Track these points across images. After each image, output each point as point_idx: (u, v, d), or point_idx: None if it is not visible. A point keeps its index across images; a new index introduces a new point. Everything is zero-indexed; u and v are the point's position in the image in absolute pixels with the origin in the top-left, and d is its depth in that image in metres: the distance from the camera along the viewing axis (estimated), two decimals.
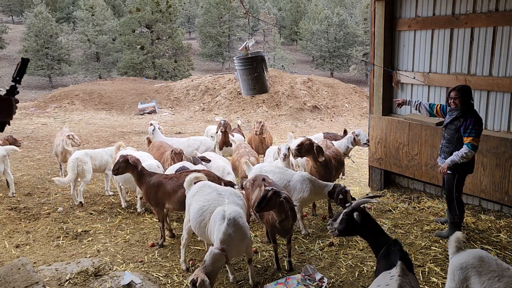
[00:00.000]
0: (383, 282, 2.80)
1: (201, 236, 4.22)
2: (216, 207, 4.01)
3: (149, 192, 4.98)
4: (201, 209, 4.07)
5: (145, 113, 17.02)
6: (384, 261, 3.03)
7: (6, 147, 7.00)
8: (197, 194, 4.28)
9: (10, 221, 5.89)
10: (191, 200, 4.31)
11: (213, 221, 3.88)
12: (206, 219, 4.00)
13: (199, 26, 46.34)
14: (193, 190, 4.38)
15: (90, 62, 38.38)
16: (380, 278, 2.91)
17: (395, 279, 2.74)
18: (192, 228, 4.23)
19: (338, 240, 5.08)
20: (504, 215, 5.53)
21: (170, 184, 4.92)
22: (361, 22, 42.92)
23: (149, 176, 5.04)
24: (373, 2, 6.38)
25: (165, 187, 4.91)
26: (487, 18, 5.26)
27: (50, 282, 4.11)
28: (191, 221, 4.18)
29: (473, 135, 4.49)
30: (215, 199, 4.13)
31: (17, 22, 57.10)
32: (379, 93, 6.55)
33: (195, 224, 4.10)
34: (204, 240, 4.51)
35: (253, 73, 4.52)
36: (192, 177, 4.52)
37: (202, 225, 4.03)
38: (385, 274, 2.89)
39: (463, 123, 4.55)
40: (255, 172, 5.34)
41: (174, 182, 4.91)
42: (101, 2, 39.82)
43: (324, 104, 17.47)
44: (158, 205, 5.01)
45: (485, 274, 2.90)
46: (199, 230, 4.09)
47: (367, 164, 7.20)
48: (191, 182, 4.50)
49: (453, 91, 4.66)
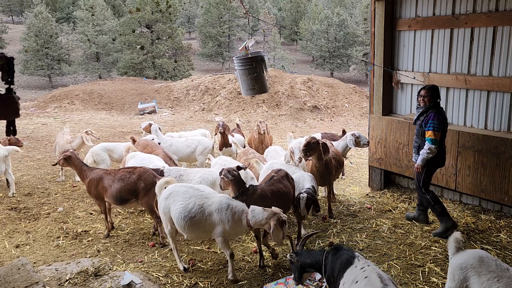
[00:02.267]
0: (356, 277, 2.86)
1: (189, 234, 4.27)
2: (203, 201, 4.15)
3: (90, 186, 5.26)
4: (185, 208, 4.15)
5: (145, 113, 17.01)
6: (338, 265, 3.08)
7: (8, 147, 7.01)
8: (171, 196, 4.31)
9: (10, 221, 5.89)
10: (165, 203, 4.34)
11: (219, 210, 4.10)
12: (198, 215, 4.11)
13: (199, 26, 46.34)
14: (165, 193, 4.41)
15: (90, 62, 38.39)
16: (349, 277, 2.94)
17: (368, 269, 2.86)
18: (178, 229, 4.29)
19: (338, 240, 5.09)
20: (504, 215, 5.53)
21: (107, 179, 5.14)
22: (361, 22, 42.90)
23: (90, 171, 5.34)
24: (373, 2, 6.38)
25: (103, 182, 5.14)
26: (487, 18, 5.25)
27: (50, 282, 4.11)
28: (175, 222, 4.24)
29: (431, 129, 4.74)
30: (197, 195, 4.24)
31: (17, 22, 57.12)
32: (379, 93, 6.55)
33: (183, 224, 4.15)
34: (192, 238, 4.57)
35: (252, 73, 4.53)
36: (162, 181, 4.57)
37: (194, 221, 4.11)
38: (351, 270, 2.96)
39: (425, 118, 4.86)
40: (266, 169, 5.43)
41: (111, 177, 5.13)
42: (101, 2, 39.84)
43: (324, 104, 17.46)
44: (98, 198, 5.28)
45: (484, 274, 2.90)
46: (189, 228, 4.15)
47: (367, 164, 7.20)
48: (162, 187, 4.54)
49: (423, 90, 4.99)
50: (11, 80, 2.14)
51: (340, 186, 7.44)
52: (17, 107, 2.11)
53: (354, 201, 6.50)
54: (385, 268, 4.38)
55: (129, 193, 5.03)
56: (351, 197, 6.70)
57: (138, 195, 5.03)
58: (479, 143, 5.36)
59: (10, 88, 2.13)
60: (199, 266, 4.56)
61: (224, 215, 4.07)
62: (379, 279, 2.76)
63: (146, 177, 5.02)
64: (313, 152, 5.45)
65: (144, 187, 4.99)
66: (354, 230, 5.36)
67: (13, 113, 2.10)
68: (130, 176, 5.05)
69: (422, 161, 4.90)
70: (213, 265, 4.58)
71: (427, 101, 4.90)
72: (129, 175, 5.07)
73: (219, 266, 4.55)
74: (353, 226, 5.49)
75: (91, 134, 7.83)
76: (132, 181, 5.01)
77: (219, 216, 4.08)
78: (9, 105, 2.10)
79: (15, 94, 2.15)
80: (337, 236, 5.19)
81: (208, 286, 4.16)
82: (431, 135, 4.75)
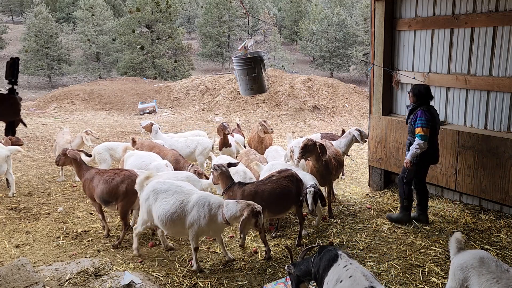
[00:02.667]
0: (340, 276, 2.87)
1: (169, 230, 4.37)
2: (184, 197, 4.27)
3: (85, 185, 5.37)
4: (168, 203, 4.25)
5: (145, 113, 17.01)
6: (323, 264, 3.10)
7: (10, 147, 6.99)
8: (154, 193, 4.39)
9: (10, 221, 5.89)
10: (147, 199, 4.41)
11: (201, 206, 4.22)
12: (179, 211, 4.21)
13: (199, 26, 46.34)
14: (147, 190, 4.46)
15: (90, 62, 38.39)
16: (332, 276, 2.95)
17: (351, 268, 2.88)
18: (159, 225, 4.40)
19: (338, 240, 5.09)
20: (504, 215, 5.53)
21: (96, 179, 5.20)
22: (361, 22, 42.90)
23: (86, 170, 5.41)
24: (373, 2, 6.38)
25: (93, 182, 5.21)
26: (487, 18, 5.25)
27: (50, 282, 4.11)
28: (157, 218, 4.33)
29: (419, 126, 4.91)
30: (179, 191, 4.33)
31: (17, 22, 57.12)
32: (379, 93, 6.55)
33: (165, 219, 4.24)
34: (172, 234, 4.68)
35: (251, 73, 4.53)
36: (143, 177, 4.60)
37: (175, 217, 4.23)
38: (334, 269, 2.98)
39: (414, 116, 5.07)
40: (266, 171, 5.43)
41: (99, 178, 5.18)
42: (101, 2, 39.85)
43: (324, 104, 17.46)
44: (92, 198, 5.34)
45: (484, 275, 2.91)
46: (170, 224, 4.26)
47: (367, 164, 7.20)
48: (143, 183, 4.58)
49: (411, 88, 5.25)
50: (14, 80, 2.14)
51: (340, 186, 7.44)
52: (18, 108, 2.11)
53: (354, 201, 6.50)
54: (385, 268, 4.38)
55: (110, 195, 5.02)
56: (351, 197, 6.69)
57: (118, 198, 5.02)
58: (479, 143, 5.36)
59: (13, 88, 2.13)
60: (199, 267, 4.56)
61: (202, 211, 4.18)
62: (364, 277, 2.78)
63: (129, 182, 4.96)
64: (311, 154, 5.46)
65: (124, 191, 4.97)
66: (354, 230, 5.36)
67: (14, 114, 2.10)
68: (114, 178, 5.06)
69: (411, 156, 5.05)
70: (213, 265, 4.58)
71: (411, 98, 5.17)
72: (114, 177, 5.08)
73: (219, 266, 4.55)
74: (353, 226, 5.49)
75: (91, 134, 7.86)
76: (115, 183, 5.02)
77: (197, 212, 4.19)
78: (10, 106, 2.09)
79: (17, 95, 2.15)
80: (337, 236, 5.19)
81: (208, 286, 4.16)
82: (420, 131, 4.91)
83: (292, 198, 4.81)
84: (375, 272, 4.30)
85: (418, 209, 5.48)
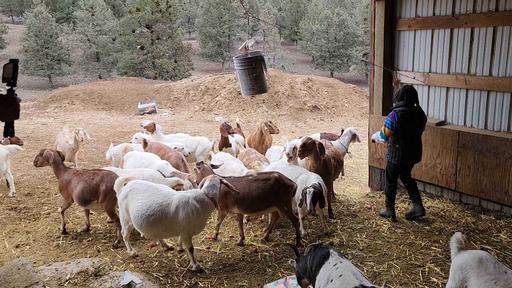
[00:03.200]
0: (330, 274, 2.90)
1: (146, 232, 4.36)
2: (163, 200, 4.25)
3: (61, 186, 5.39)
4: (144, 205, 4.24)
5: (145, 113, 17.02)
6: (315, 262, 3.13)
7: (9, 146, 6.97)
8: (131, 193, 4.39)
9: (10, 221, 5.89)
10: (125, 201, 4.43)
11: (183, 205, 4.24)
12: (158, 214, 4.20)
13: (199, 26, 46.34)
14: (125, 190, 4.48)
15: (90, 62, 38.40)
16: (323, 274, 2.98)
17: (341, 266, 2.89)
18: (135, 226, 4.40)
19: (338, 240, 5.09)
20: (504, 215, 5.52)
21: (74, 180, 5.24)
22: (361, 22, 42.90)
23: (64, 171, 5.43)
24: (373, 2, 6.38)
25: (71, 182, 5.25)
26: (487, 18, 5.25)
27: (50, 282, 4.11)
28: (133, 220, 4.34)
29: (384, 125, 5.27)
30: (156, 193, 4.32)
31: (17, 22, 57.14)
32: (379, 93, 6.55)
33: (140, 222, 4.24)
34: (149, 236, 4.65)
35: (252, 73, 4.53)
36: (122, 179, 4.62)
37: (151, 220, 4.20)
38: (325, 267, 3.00)
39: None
40: (270, 170, 5.46)
41: (77, 178, 5.22)
42: (101, 2, 39.85)
43: (324, 104, 17.47)
44: (68, 198, 5.38)
45: (482, 276, 2.92)
46: (147, 226, 4.25)
47: (367, 164, 7.20)
48: (121, 184, 4.59)
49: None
50: (13, 81, 2.14)
51: (340, 186, 7.44)
52: (17, 108, 2.11)
53: (354, 201, 6.50)
54: (385, 268, 4.38)
55: (91, 194, 5.10)
56: (351, 197, 6.70)
57: (99, 197, 5.09)
58: (479, 143, 5.36)
59: (12, 89, 2.13)
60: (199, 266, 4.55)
61: (189, 208, 4.20)
62: (354, 276, 2.78)
63: (108, 180, 5.04)
64: (310, 153, 5.47)
65: (104, 189, 5.03)
66: (354, 230, 5.36)
67: (13, 115, 2.09)
68: (93, 178, 5.13)
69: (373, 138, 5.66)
70: (213, 265, 4.58)
71: (397, 92, 5.45)
72: (93, 176, 5.15)
73: (219, 266, 4.55)
74: (353, 226, 5.49)
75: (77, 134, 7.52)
76: (94, 183, 5.09)
77: (185, 211, 4.19)
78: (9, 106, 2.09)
79: (16, 96, 2.15)
80: (337, 236, 5.19)
81: (208, 286, 4.16)
82: (383, 129, 5.28)
83: (270, 199, 4.82)
84: (375, 272, 4.31)
85: (413, 203, 5.64)
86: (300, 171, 5.40)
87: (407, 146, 5.24)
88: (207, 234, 5.36)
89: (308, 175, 5.25)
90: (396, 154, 5.31)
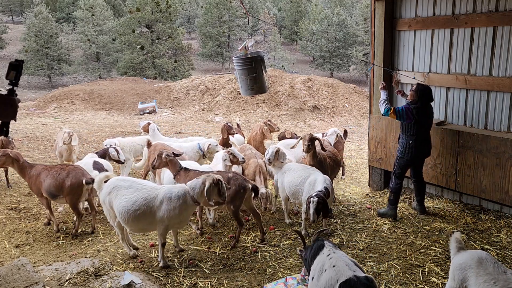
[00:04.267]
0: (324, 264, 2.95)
1: (132, 227, 4.42)
2: (148, 194, 4.32)
3: (31, 182, 5.47)
4: (129, 201, 4.30)
5: (145, 113, 17.02)
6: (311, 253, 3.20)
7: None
8: (114, 190, 4.44)
9: (10, 221, 5.89)
10: (107, 197, 4.48)
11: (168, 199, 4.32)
12: (143, 208, 4.27)
13: (199, 26, 46.35)
14: (107, 187, 4.51)
15: (90, 62, 38.42)
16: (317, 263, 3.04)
17: (334, 256, 2.95)
18: (121, 222, 4.45)
19: (338, 240, 5.09)
20: (504, 215, 5.52)
21: (43, 174, 5.34)
22: (361, 22, 42.91)
23: (30, 168, 5.49)
24: (373, 2, 6.38)
25: (40, 177, 5.34)
26: (487, 18, 5.25)
27: (50, 282, 4.11)
28: (118, 216, 4.39)
29: (396, 108, 5.25)
30: (140, 188, 4.39)
31: (17, 22, 57.14)
32: (379, 93, 6.54)
33: (127, 217, 4.30)
34: (135, 231, 4.74)
35: (251, 73, 4.53)
36: (102, 176, 4.68)
37: (138, 214, 4.27)
38: (319, 257, 3.06)
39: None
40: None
41: (46, 173, 5.33)
42: (101, 2, 39.87)
43: (324, 104, 17.47)
44: (39, 194, 5.45)
45: (481, 276, 2.92)
46: (133, 221, 4.31)
47: (367, 164, 7.20)
48: (101, 181, 4.63)
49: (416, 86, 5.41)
50: (15, 82, 2.14)
51: (340, 186, 7.44)
52: (15, 109, 2.11)
53: (354, 201, 6.50)
54: (385, 268, 4.38)
55: (58, 189, 5.24)
56: (351, 197, 6.70)
57: (63, 192, 5.23)
58: (479, 143, 5.36)
59: (13, 89, 2.13)
60: (199, 266, 4.56)
61: (171, 204, 4.27)
62: (347, 266, 2.81)
63: (74, 175, 5.21)
64: (314, 147, 5.59)
65: (69, 185, 5.18)
66: (354, 230, 5.36)
67: (10, 115, 2.09)
68: (60, 173, 5.27)
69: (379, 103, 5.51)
70: (213, 265, 4.58)
71: (411, 96, 5.33)
72: (60, 171, 5.29)
73: (219, 266, 4.55)
74: (353, 226, 5.49)
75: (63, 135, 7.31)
76: (61, 178, 5.23)
77: (167, 205, 4.27)
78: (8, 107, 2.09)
79: (17, 97, 2.15)
80: (337, 236, 5.19)
81: (208, 286, 4.16)
82: (392, 111, 5.22)
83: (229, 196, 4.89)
84: (375, 272, 4.31)
85: (416, 200, 5.81)
86: (309, 171, 5.37)
87: (421, 142, 5.33)
88: (207, 234, 5.36)
89: (315, 176, 5.20)
90: (409, 150, 5.36)
